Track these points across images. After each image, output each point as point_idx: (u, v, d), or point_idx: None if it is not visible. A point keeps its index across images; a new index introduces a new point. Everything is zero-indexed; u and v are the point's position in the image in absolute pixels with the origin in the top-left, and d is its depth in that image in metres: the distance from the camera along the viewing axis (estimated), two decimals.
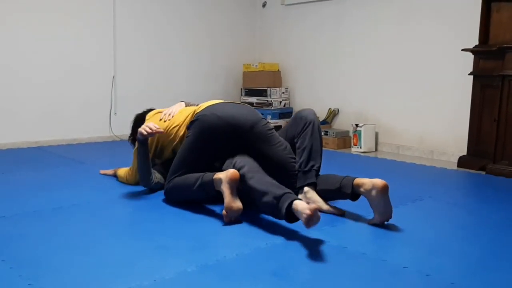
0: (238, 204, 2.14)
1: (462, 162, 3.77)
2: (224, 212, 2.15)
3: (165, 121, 2.73)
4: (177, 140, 2.63)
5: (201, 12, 5.37)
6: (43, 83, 4.34)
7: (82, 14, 4.51)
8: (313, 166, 2.40)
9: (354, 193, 2.24)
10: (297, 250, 1.87)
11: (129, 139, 3.05)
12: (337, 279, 1.60)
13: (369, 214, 2.35)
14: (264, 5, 5.72)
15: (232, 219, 2.16)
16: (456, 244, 1.99)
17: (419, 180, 3.26)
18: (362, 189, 2.19)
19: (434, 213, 2.45)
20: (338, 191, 2.30)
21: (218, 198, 2.23)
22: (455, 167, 3.78)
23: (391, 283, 1.59)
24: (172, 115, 2.73)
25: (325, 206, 2.33)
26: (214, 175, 2.24)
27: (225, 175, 2.17)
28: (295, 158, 2.45)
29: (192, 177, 2.37)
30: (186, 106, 2.85)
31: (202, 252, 1.82)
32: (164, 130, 2.66)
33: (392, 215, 2.17)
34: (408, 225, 2.22)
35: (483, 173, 3.52)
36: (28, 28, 4.21)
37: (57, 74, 4.41)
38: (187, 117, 2.62)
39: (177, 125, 2.65)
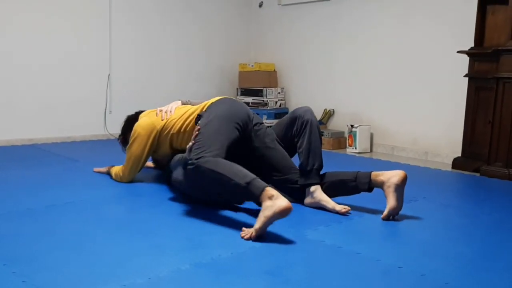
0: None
1: (456, 163, 3.79)
2: (246, 235, 1.94)
3: (162, 120, 2.73)
4: (175, 130, 2.65)
5: (197, 11, 5.37)
6: (38, 80, 4.32)
7: (78, 13, 4.49)
8: (313, 165, 2.41)
9: (371, 185, 2.32)
10: (292, 249, 1.87)
11: (119, 139, 3.03)
12: (332, 279, 1.60)
13: (362, 214, 2.36)
14: (260, 5, 5.72)
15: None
16: (450, 244, 2.00)
17: (413, 181, 3.25)
18: (378, 181, 2.28)
19: (428, 214, 2.46)
20: (352, 181, 2.36)
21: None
22: (449, 168, 3.79)
23: (385, 283, 1.60)
24: (169, 113, 2.74)
25: (330, 204, 2.35)
26: (267, 186, 1.95)
27: (279, 204, 1.87)
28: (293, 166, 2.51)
29: (238, 169, 2.04)
30: (182, 104, 2.85)
31: (197, 250, 1.81)
32: (162, 126, 2.68)
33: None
34: (402, 225, 2.23)
35: (477, 174, 3.53)
36: (23, 27, 4.19)
37: (52, 72, 4.40)
38: (188, 110, 2.67)
39: (174, 118, 2.68)
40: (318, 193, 2.38)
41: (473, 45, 3.72)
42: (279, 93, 5.39)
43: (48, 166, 3.37)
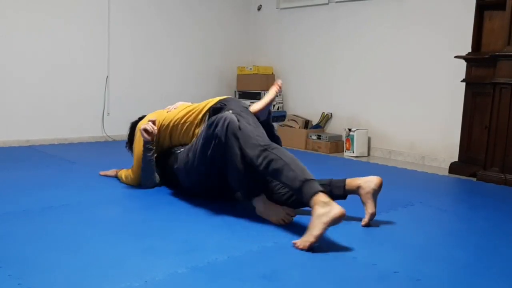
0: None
1: (453, 168, 3.80)
2: (309, 241, 1.89)
3: (167, 112, 2.82)
4: (175, 122, 2.71)
5: (196, 14, 5.38)
6: (36, 82, 4.32)
7: (77, 14, 4.49)
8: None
9: (345, 190, 2.28)
10: (288, 253, 1.87)
11: (126, 147, 3.05)
12: (328, 283, 1.60)
13: (359, 219, 2.36)
14: (259, 9, 5.73)
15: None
16: (446, 249, 2.00)
17: (410, 186, 3.28)
18: (354, 187, 2.26)
19: (425, 219, 2.47)
20: (327, 186, 2.28)
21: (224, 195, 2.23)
22: (446, 173, 3.80)
23: (381, 287, 1.60)
24: (173, 108, 2.85)
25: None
26: (320, 191, 1.95)
27: (335, 212, 1.88)
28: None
29: (300, 165, 2.06)
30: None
31: (193, 254, 1.81)
32: (162, 120, 2.75)
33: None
34: (398, 230, 2.24)
35: (474, 179, 3.54)
36: (21, 28, 4.19)
37: (50, 73, 4.40)
38: (190, 106, 2.75)
39: (175, 112, 2.77)
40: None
41: (470, 51, 3.74)
42: (277, 96, 5.38)
43: (45, 167, 3.37)
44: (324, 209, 1.89)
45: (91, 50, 4.62)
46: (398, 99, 4.43)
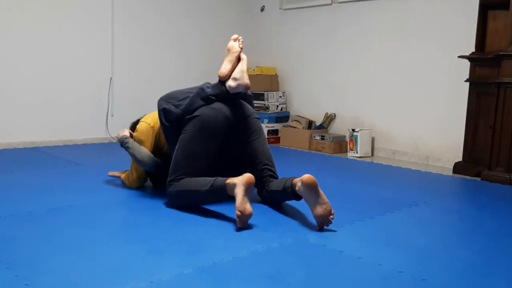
0: (249, 207, 2.13)
1: (457, 168, 3.79)
2: (238, 213, 2.10)
3: None
4: None
5: (199, 16, 5.39)
6: (40, 84, 4.33)
7: (80, 16, 4.51)
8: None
9: (295, 193, 2.27)
10: (293, 253, 1.88)
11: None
12: (333, 284, 1.61)
13: (365, 219, 2.37)
14: (262, 10, 5.73)
15: (244, 224, 2.13)
16: (450, 249, 2.00)
17: (415, 186, 3.27)
18: (296, 188, 2.23)
19: (429, 219, 2.47)
20: (284, 192, 2.35)
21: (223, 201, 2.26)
22: (450, 173, 3.80)
23: (386, 287, 1.60)
24: None
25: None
26: (226, 180, 2.23)
27: (240, 179, 2.17)
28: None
29: (198, 181, 2.34)
30: None
31: (199, 254, 1.82)
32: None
33: (332, 216, 2.12)
34: (403, 230, 2.24)
35: (478, 179, 3.54)
36: (26, 30, 4.21)
37: (55, 75, 4.41)
38: None
39: None
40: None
41: (474, 50, 3.73)
42: (280, 97, 5.40)
43: (49, 169, 3.38)
44: (236, 186, 2.16)
45: (95, 53, 4.64)
46: (402, 99, 4.42)
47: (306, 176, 2.15)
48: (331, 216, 2.12)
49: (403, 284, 1.63)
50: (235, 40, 2.63)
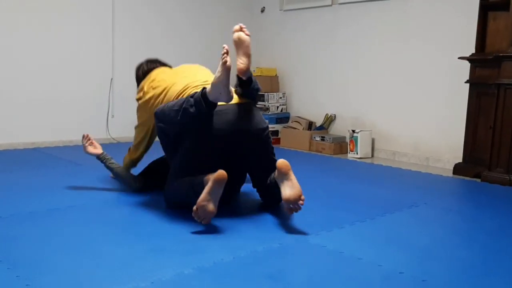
0: (211, 206, 2.07)
1: (458, 169, 3.79)
2: (194, 208, 2.07)
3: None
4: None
5: (199, 17, 5.39)
6: (41, 85, 4.34)
7: (81, 17, 4.52)
8: None
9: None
10: (294, 254, 1.88)
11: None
12: (333, 284, 1.61)
13: (365, 219, 2.37)
14: (262, 11, 5.74)
15: (201, 219, 2.08)
16: (451, 250, 2.00)
17: (415, 187, 3.28)
18: (274, 175, 2.25)
19: (429, 220, 2.47)
20: (272, 184, 2.33)
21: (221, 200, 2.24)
22: (450, 174, 3.80)
23: None
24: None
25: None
26: (205, 176, 2.15)
27: (213, 175, 2.07)
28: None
29: (186, 180, 2.30)
30: None
31: (199, 254, 1.82)
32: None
33: (301, 200, 2.12)
34: (403, 231, 2.24)
35: (478, 180, 3.54)
36: (26, 30, 4.22)
37: (55, 75, 4.42)
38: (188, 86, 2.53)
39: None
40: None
41: (474, 51, 3.74)
42: (280, 97, 5.40)
43: (50, 169, 3.38)
44: (210, 175, 2.09)
45: (95, 53, 4.65)
46: (402, 100, 4.43)
47: (280, 161, 2.18)
48: (301, 202, 2.11)
49: (403, 284, 1.63)
50: (239, 30, 2.41)
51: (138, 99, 2.86)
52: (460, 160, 3.84)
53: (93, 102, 4.67)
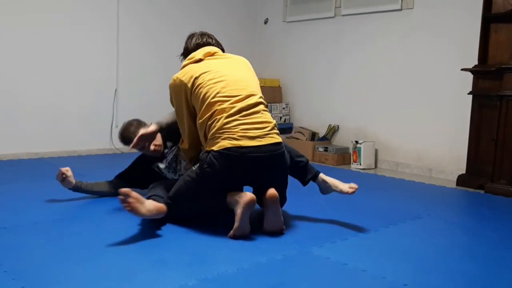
0: (249, 228, 2.18)
1: (461, 180, 3.79)
2: (231, 233, 2.15)
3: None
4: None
5: (203, 28, 5.41)
6: (45, 95, 4.37)
7: (86, 28, 4.56)
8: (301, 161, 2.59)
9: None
10: (297, 265, 1.88)
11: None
12: None
13: (368, 230, 2.37)
14: (266, 22, 5.79)
15: (240, 237, 2.17)
16: (454, 261, 2.00)
17: (418, 198, 3.27)
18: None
19: (433, 231, 2.47)
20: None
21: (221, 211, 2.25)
22: (453, 185, 3.80)
23: None
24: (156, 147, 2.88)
25: (342, 186, 2.55)
26: (229, 197, 2.20)
27: (242, 199, 2.11)
28: None
29: (201, 198, 2.31)
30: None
31: (203, 266, 1.82)
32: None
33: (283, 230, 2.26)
34: (407, 242, 2.24)
35: (482, 192, 3.54)
36: (30, 41, 4.26)
37: (59, 86, 4.45)
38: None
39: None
40: (325, 177, 2.62)
41: (476, 63, 3.75)
42: (283, 108, 5.42)
43: (54, 180, 3.38)
44: (238, 197, 2.14)
45: (100, 64, 4.68)
46: (405, 111, 4.44)
47: (270, 191, 2.19)
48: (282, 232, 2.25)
49: None
50: None
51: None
52: (464, 171, 3.84)
53: (97, 112, 4.69)
